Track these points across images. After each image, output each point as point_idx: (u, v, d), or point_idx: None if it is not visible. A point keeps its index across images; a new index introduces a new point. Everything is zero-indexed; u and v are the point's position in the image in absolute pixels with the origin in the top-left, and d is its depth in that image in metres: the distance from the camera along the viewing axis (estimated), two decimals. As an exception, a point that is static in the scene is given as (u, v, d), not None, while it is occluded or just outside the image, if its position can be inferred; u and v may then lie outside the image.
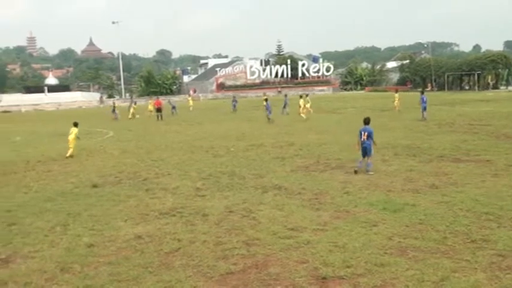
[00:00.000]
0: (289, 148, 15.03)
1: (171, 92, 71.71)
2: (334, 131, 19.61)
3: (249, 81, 65.25)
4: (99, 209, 8.45)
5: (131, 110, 33.60)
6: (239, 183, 10.17)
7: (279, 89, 62.87)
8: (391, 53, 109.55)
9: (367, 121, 10.92)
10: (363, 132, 10.75)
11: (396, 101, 27.54)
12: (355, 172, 10.50)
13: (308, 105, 24.69)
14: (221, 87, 64.89)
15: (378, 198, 8.43)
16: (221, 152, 14.83)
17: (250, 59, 76.02)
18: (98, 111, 43.88)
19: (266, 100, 26.08)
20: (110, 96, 77.99)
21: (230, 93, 61.22)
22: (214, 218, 7.63)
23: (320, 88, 63.96)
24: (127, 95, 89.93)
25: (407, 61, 64.99)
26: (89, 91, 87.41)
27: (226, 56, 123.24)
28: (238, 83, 65.58)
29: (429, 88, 55.36)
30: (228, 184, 10.08)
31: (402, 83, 64.02)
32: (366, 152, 10.70)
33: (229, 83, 65.36)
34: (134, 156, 14.82)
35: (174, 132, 22.29)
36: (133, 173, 11.87)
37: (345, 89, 68.46)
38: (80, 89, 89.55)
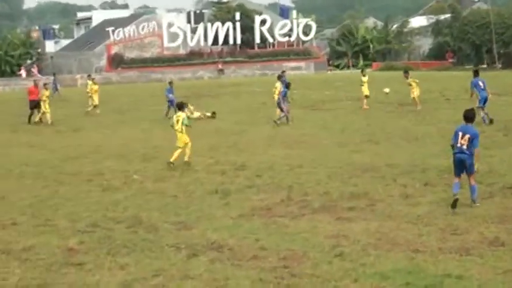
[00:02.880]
0: (237, 174, 15.26)
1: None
2: (316, 142, 19.92)
3: (166, 52, 65.15)
4: None
5: None
6: (148, 239, 10.17)
7: (221, 66, 63.35)
8: (418, 1, 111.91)
9: (469, 117, 11.34)
10: (460, 134, 11.13)
11: (414, 90, 27.48)
12: (454, 204, 10.87)
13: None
14: (116, 62, 64.22)
15: (396, 266, 8.56)
16: (116, 182, 14.86)
17: (169, 11, 76.21)
18: None
19: (170, 84, 28.31)
20: None
21: (133, 73, 60.88)
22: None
23: (293, 64, 65.28)
24: None
25: (448, 15, 66.56)
26: None
27: (125, 6, 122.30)
28: (147, 54, 65.28)
29: (485, 65, 56.97)
30: (128, 242, 10.04)
31: (438, 54, 66.10)
32: (463, 167, 11.10)
33: (131, 54, 64.85)
34: None
35: (25, 145, 21.93)
36: None
37: (336, 66, 70.27)
38: None
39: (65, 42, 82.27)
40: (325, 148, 18.59)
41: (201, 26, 65.26)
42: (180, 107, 16.94)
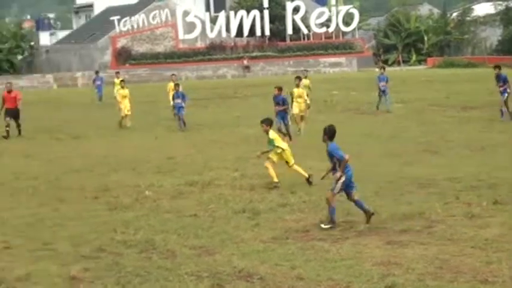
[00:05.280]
0: (268, 190, 15.26)
1: (13, 68, 70.61)
2: (361, 152, 19.84)
3: (182, 46, 65.44)
4: None
5: None
6: (163, 266, 10.19)
7: (246, 62, 63.43)
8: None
9: None
10: None
11: None
12: None
13: (306, 97, 24.92)
14: (124, 57, 64.69)
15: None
16: (125, 199, 14.92)
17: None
18: None
19: (178, 86, 27.66)
20: None
21: (144, 70, 61.09)
22: None
23: (332, 59, 65.16)
24: None
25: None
26: None
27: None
28: (159, 48, 65.64)
29: None
30: (140, 270, 10.08)
31: (510, 47, 65.33)
32: None
33: (140, 48, 65.34)
34: None
35: (19, 155, 22.20)
36: None
37: (384, 62, 69.80)
38: None
39: (62, 33, 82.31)
40: (371, 159, 18.54)
41: (222, 15, 65.43)
42: (269, 123, 16.28)
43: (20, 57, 73.40)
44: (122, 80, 31.11)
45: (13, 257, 10.94)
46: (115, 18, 63.65)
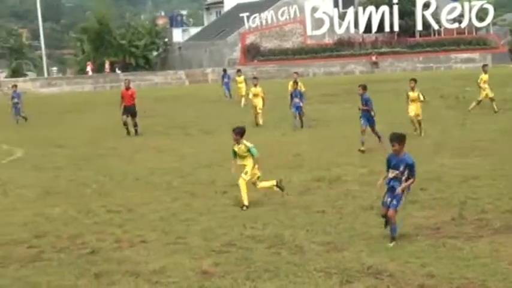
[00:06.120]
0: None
1: (148, 64, 72.78)
2: (496, 148, 19.39)
3: (310, 42, 65.61)
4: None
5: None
6: (292, 262, 10.26)
7: (375, 57, 62.82)
8: None
9: None
10: None
11: None
12: None
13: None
14: (252, 53, 65.51)
15: None
16: (254, 194, 15.00)
17: (313, -5, 76.32)
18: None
19: (296, 84, 27.32)
20: (15, 72, 79.68)
21: (271, 66, 61.55)
22: None
23: (464, 55, 63.44)
24: (53, 70, 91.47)
25: None
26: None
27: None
28: (287, 44, 66.08)
29: None
30: (269, 265, 10.18)
31: None
32: None
33: (268, 44, 65.99)
34: (70, 201, 15.22)
35: (153, 150, 22.95)
36: (68, 238, 12.19)
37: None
38: None
39: (193, 30, 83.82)
40: (507, 156, 18.00)
41: (351, 11, 65.19)
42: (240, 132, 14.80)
43: (154, 53, 75.35)
44: (254, 77, 31.06)
45: (148, 250, 11.28)
46: (244, 14, 64.49)
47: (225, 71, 43.34)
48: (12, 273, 10.37)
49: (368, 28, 63.98)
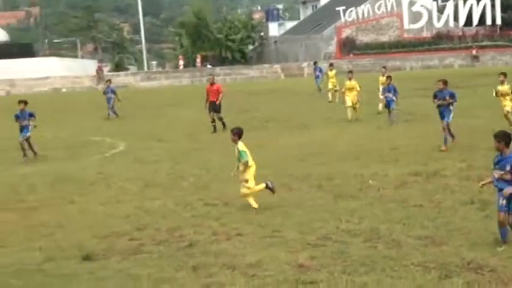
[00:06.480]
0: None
1: (244, 58, 73.25)
2: None
3: (407, 36, 64.64)
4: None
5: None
6: (389, 256, 10.18)
7: (475, 51, 61.37)
8: None
9: None
10: None
11: None
12: None
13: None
14: (348, 47, 65.06)
15: None
16: (348, 188, 15.10)
17: (411, -14, 75.27)
18: (93, 99, 46.25)
19: (389, 79, 26.71)
20: (118, 65, 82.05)
21: (367, 60, 60.95)
22: None
23: None
24: (153, 64, 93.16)
25: None
26: (75, 56, 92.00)
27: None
28: (384, 38, 65.38)
29: None
30: (366, 259, 10.11)
31: None
32: None
33: (365, 38, 65.42)
34: (168, 194, 15.54)
35: (253, 144, 22.69)
36: (167, 230, 12.41)
37: None
38: (56, 51, 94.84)
39: (289, 24, 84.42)
40: None
41: (450, 4, 64.14)
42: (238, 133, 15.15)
43: (250, 47, 75.98)
44: (350, 71, 30.74)
45: (245, 243, 11.33)
46: (341, 8, 64.39)
47: (315, 63, 43.18)
48: (114, 265, 10.59)
49: (468, 21, 62.74)
